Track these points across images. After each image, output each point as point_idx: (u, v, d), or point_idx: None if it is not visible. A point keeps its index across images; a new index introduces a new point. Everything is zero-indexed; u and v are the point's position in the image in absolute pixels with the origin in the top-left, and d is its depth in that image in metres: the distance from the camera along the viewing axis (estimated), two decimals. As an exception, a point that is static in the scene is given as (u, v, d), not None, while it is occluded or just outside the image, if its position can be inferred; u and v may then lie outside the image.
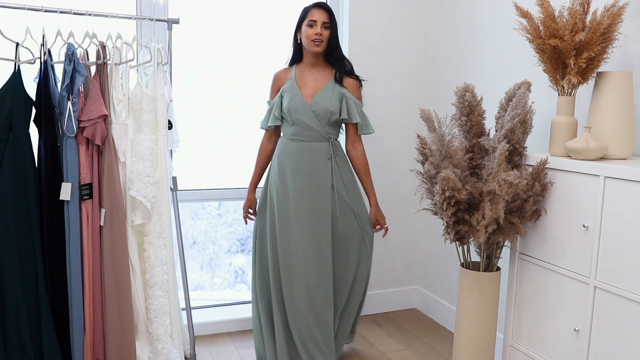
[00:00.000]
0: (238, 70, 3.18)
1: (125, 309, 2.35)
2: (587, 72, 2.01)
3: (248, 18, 3.13)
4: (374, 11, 3.17)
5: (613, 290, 1.79)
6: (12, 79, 2.19)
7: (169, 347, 2.45)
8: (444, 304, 3.23)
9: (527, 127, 2.14)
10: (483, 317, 2.22)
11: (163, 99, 2.44)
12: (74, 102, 2.24)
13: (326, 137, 2.51)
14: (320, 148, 2.50)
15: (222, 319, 3.10)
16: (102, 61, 2.34)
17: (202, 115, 3.16)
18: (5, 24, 2.24)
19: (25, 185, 2.22)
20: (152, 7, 2.77)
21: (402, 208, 3.38)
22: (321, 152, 2.50)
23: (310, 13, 2.45)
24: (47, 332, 2.25)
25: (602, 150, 1.92)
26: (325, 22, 2.44)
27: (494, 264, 2.27)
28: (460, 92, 2.22)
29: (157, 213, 2.43)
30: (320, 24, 2.43)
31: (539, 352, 2.11)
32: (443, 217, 2.14)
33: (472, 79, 2.86)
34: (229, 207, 3.38)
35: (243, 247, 3.42)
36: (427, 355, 2.86)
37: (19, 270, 2.21)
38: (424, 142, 2.22)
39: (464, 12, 3.01)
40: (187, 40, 2.94)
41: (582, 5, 1.98)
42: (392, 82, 3.27)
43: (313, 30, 2.43)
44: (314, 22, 2.43)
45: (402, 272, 3.46)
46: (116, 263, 2.33)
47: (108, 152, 2.32)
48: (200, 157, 3.20)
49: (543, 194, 2.04)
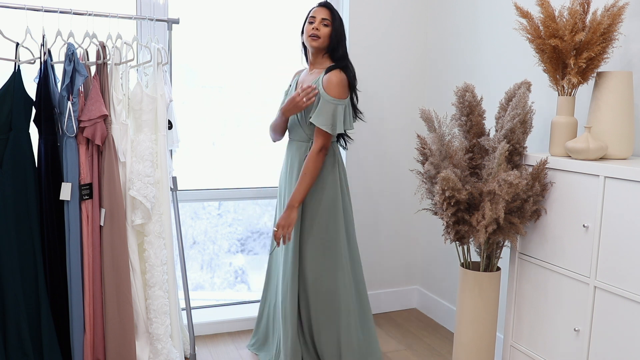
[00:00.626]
0: (238, 70, 3.18)
1: (125, 309, 2.35)
2: (587, 72, 2.01)
3: (248, 18, 3.13)
4: (374, 11, 3.17)
5: (613, 290, 1.79)
6: (12, 79, 2.19)
7: (169, 347, 2.45)
8: (444, 304, 3.23)
9: (527, 127, 2.14)
10: (483, 317, 2.22)
11: (163, 99, 2.44)
12: (74, 102, 2.24)
13: (307, 137, 2.47)
14: (300, 148, 2.50)
15: (222, 319, 3.10)
16: (102, 61, 2.34)
17: (202, 115, 3.16)
18: (5, 24, 2.24)
19: (25, 185, 2.22)
20: (152, 7, 2.77)
21: (402, 208, 3.38)
22: (300, 152, 2.49)
23: (312, 11, 2.45)
24: (47, 332, 2.25)
25: (602, 150, 1.92)
26: (324, 19, 2.41)
27: (494, 264, 2.27)
28: (460, 92, 2.22)
29: (157, 213, 2.43)
30: (319, 20, 2.41)
31: (539, 352, 2.11)
32: (443, 217, 2.14)
33: (472, 79, 2.86)
34: (229, 207, 3.38)
35: (243, 247, 3.42)
36: (427, 355, 2.86)
37: (19, 270, 2.21)
38: (424, 142, 2.22)
39: (464, 12, 3.01)
40: (187, 40, 2.94)
41: (582, 5, 1.98)
42: (392, 82, 3.27)
43: (311, 26, 2.41)
44: (314, 18, 2.42)
45: (402, 272, 3.46)
46: (116, 263, 2.33)
47: (108, 152, 2.32)
48: (200, 157, 3.20)
49: (543, 194, 2.04)
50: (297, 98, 2.37)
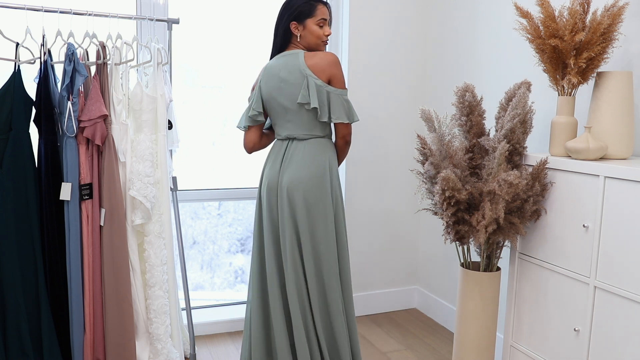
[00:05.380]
0: (238, 70, 3.18)
1: (125, 309, 2.34)
2: (587, 72, 2.01)
3: (248, 18, 3.13)
4: (375, 11, 3.17)
5: (613, 290, 1.79)
6: (12, 79, 2.19)
7: (169, 347, 2.45)
8: (444, 304, 3.23)
9: (527, 127, 2.14)
10: (483, 317, 2.22)
11: (163, 99, 2.44)
12: (74, 102, 2.24)
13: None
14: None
15: (222, 319, 3.10)
16: (102, 61, 2.34)
17: (202, 115, 3.16)
18: (5, 24, 2.24)
19: (25, 185, 2.22)
20: (152, 7, 2.77)
21: (402, 208, 3.38)
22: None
23: (318, 10, 2.23)
24: (47, 332, 2.25)
25: (602, 150, 1.92)
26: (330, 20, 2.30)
27: (494, 264, 2.27)
28: (460, 92, 2.22)
29: (157, 213, 2.43)
30: (328, 23, 2.27)
31: (539, 352, 2.11)
32: (443, 217, 2.14)
33: (472, 79, 2.86)
34: (229, 207, 3.38)
35: (243, 247, 3.42)
36: (427, 355, 2.86)
37: (19, 270, 2.21)
38: (424, 142, 2.22)
39: (464, 13, 3.01)
40: (187, 40, 2.94)
41: (582, 5, 1.98)
42: (392, 81, 3.27)
43: (323, 30, 2.24)
44: (325, 21, 2.24)
45: (402, 272, 3.46)
46: (116, 263, 2.33)
47: (108, 152, 2.32)
48: (200, 157, 3.20)
49: (543, 194, 2.04)
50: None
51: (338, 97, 2.20)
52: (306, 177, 2.21)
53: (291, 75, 2.20)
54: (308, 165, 2.22)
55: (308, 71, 2.18)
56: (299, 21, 2.23)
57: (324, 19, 2.23)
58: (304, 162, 2.22)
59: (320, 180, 2.22)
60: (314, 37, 2.24)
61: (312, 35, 2.24)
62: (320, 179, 2.22)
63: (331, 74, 2.20)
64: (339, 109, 2.21)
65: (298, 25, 2.23)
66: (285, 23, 2.25)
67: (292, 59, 2.22)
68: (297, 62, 2.20)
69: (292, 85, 2.20)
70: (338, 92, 2.21)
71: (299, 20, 2.23)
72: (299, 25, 2.23)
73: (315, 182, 2.21)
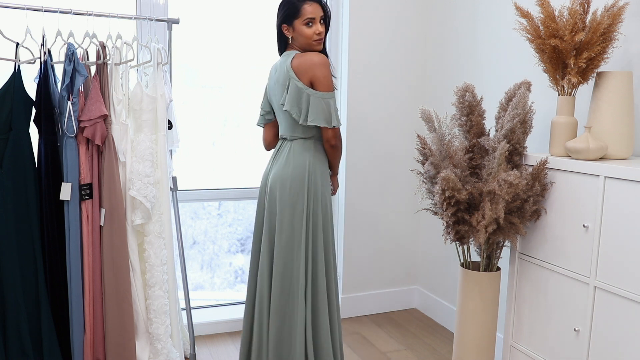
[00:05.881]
0: (238, 70, 3.18)
1: (125, 309, 2.34)
2: (587, 72, 2.01)
3: (248, 18, 3.13)
4: (375, 11, 3.17)
5: (613, 290, 1.79)
6: (12, 79, 2.19)
7: (169, 347, 2.45)
8: (444, 304, 3.23)
9: (527, 127, 2.14)
10: (483, 317, 2.22)
11: (163, 99, 2.44)
12: (74, 102, 2.24)
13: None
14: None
15: (222, 319, 3.11)
16: (102, 61, 2.34)
17: (202, 115, 3.16)
18: (5, 24, 2.24)
19: (25, 185, 2.22)
20: (152, 7, 2.77)
21: (402, 208, 3.38)
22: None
23: (304, 10, 2.16)
24: (47, 332, 2.25)
25: (602, 150, 1.92)
26: (321, 17, 2.22)
27: (494, 264, 2.27)
28: (460, 92, 2.22)
29: (157, 213, 2.43)
30: (318, 21, 2.20)
31: (539, 352, 2.11)
32: (443, 217, 2.14)
33: (472, 79, 2.86)
34: (229, 207, 3.38)
35: (243, 247, 3.42)
36: (427, 355, 2.86)
37: (19, 270, 2.21)
38: (424, 142, 2.22)
39: (464, 13, 3.01)
40: (187, 40, 2.94)
41: (582, 5, 1.98)
42: (392, 81, 3.27)
43: (312, 29, 2.18)
44: (312, 19, 2.17)
45: (402, 272, 3.46)
46: (116, 263, 2.33)
47: (108, 152, 2.32)
48: (200, 157, 3.20)
49: (543, 194, 2.04)
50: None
51: (318, 100, 2.17)
52: (285, 176, 2.24)
53: (280, 76, 2.23)
54: (288, 165, 2.25)
55: (292, 73, 2.18)
56: (288, 23, 2.21)
57: (310, 18, 2.17)
58: (286, 162, 2.26)
59: (296, 182, 2.23)
60: (303, 38, 2.20)
61: (301, 36, 2.20)
62: (297, 180, 2.23)
63: (313, 75, 2.16)
64: (316, 112, 2.17)
65: (288, 28, 2.22)
66: (277, 26, 2.26)
67: (285, 60, 2.24)
68: (286, 64, 2.21)
69: (281, 86, 2.23)
70: (319, 95, 2.16)
71: (287, 22, 2.21)
72: (289, 27, 2.22)
73: (290, 183, 2.23)
